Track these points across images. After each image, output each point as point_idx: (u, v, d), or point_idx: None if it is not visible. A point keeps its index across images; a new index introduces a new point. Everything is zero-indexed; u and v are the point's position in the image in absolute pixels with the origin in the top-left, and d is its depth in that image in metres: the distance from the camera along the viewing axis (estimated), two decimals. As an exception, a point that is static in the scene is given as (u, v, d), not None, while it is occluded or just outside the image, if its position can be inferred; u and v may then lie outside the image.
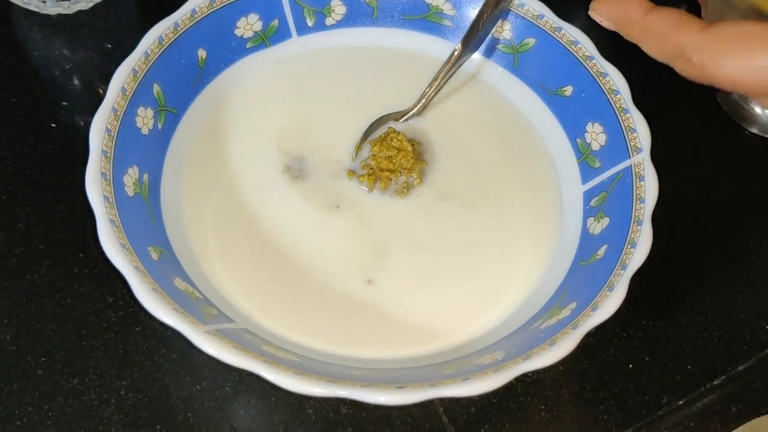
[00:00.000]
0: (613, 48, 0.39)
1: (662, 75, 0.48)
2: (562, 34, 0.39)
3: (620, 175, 0.35)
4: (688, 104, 0.47)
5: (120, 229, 0.30)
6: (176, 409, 0.33)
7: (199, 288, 0.32)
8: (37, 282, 0.36)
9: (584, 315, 0.30)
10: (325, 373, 0.27)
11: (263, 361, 0.27)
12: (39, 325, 0.34)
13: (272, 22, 0.40)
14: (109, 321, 0.35)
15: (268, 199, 0.36)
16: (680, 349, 0.37)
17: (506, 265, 0.36)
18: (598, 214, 0.35)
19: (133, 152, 0.33)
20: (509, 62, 0.41)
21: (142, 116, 0.34)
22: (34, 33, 0.44)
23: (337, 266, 0.35)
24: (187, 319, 0.27)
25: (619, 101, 0.36)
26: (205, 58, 0.38)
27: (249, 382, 0.34)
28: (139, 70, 0.34)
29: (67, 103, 0.42)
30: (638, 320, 0.37)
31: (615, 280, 0.31)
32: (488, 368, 0.28)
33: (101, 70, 0.44)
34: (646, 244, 0.32)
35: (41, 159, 0.39)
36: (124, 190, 0.32)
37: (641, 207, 0.33)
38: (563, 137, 0.39)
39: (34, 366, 0.33)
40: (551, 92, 0.39)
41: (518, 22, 0.40)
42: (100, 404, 0.33)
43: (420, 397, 0.26)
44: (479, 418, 0.34)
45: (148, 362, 0.34)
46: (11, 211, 0.38)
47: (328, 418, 0.33)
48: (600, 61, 0.38)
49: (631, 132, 0.36)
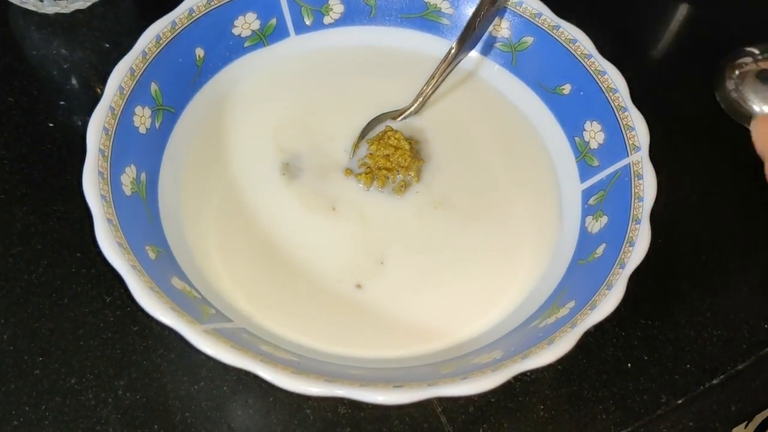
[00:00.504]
0: (612, 46, 0.39)
1: (661, 73, 0.48)
2: (561, 32, 0.39)
3: (619, 173, 0.35)
4: (686, 102, 0.47)
5: (117, 228, 0.30)
6: (174, 409, 0.33)
7: (196, 287, 0.31)
8: (35, 282, 0.35)
9: (582, 314, 0.30)
10: (323, 373, 0.27)
11: (261, 360, 0.26)
12: (36, 325, 0.34)
13: (270, 20, 0.40)
14: (106, 320, 0.35)
15: (267, 198, 0.36)
16: (679, 348, 0.37)
17: (505, 263, 0.35)
18: (597, 213, 0.35)
19: (130, 151, 0.33)
20: (507, 60, 0.41)
21: (139, 115, 0.34)
22: (32, 32, 0.44)
23: (335, 265, 0.35)
24: (185, 318, 0.27)
25: (618, 99, 0.36)
26: (203, 56, 0.38)
27: (247, 382, 0.34)
28: (136, 69, 0.34)
29: (64, 102, 0.42)
30: (637, 319, 0.37)
31: (613, 278, 0.31)
32: (486, 367, 0.28)
33: (99, 69, 0.43)
34: (644, 242, 0.32)
35: (39, 158, 0.39)
36: (121, 189, 0.32)
37: (640, 205, 0.33)
38: (561, 136, 0.39)
39: (32, 365, 0.33)
40: (549, 90, 0.39)
41: (516, 20, 0.40)
42: (97, 404, 0.33)
43: (418, 397, 0.26)
44: (477, 417, 0.34)
45: (145, 362, 0.34)
46: (8, 210, 0.37)
47: (327, 418, 0.33)
48: (598, 60, 0.38)
49: (630, 130, 0.35)
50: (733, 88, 0.45)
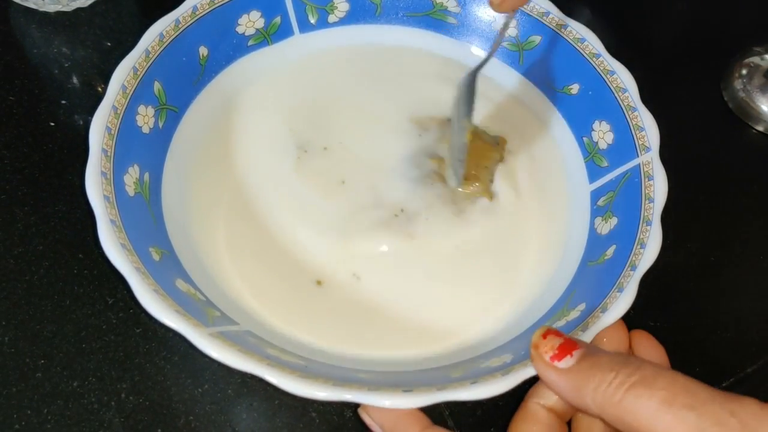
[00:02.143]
0: (620, 45, 0.39)
1: (667, 72, 0.48)
2: (569, 31, 0.38)
3: (628, 174, 0.35)
4: (694, 102, 0.46)
5: (120, 230, 0.29)
6: (177, 413, 0.33)
7: (201, 289, 0.31)
8: (36, 283, 0.35)
9: (593, 317, 0.29)
10: (330, 377, 0.27)
11: (268, 364, 0.26)
12: (38, 327, 0.34)
13: (274, 19, 0.39)
14: (109, 323, 0.34)
15: (276, 196, 0.36)
16: (687, 351, 0.36)
17: (513, 264, 0.35)
18: (606, 214, 0.35)
19: (133, 151, 0.33)
20: (514, 60, 0.40)
21: (142, 114, 0.34)
22: (33, 31, 0.44)
23: (346, 263, 0.34)
24: (190, 321, 0.27)
25: (627, 99, 0.36)
26: (207, 55, 0.37)
27: (251, 385, 0.33)
28: (139, 68, 0.34)
29: (66, 101, 0.41)
30: (645, 322, 0.37)
31: (624, 281, 0.30)
32: (497, 371, 0.27)
33: (100, 68, 0.43)
34: (656, 244, 0.31)
35: (40, 158, 0.39)
36: (124, 190, 0.31)
37: (650, 207, 0.33)
38: (569, 136, 0.38)
39: (33, 368, 0.33)
40: (557, 90, 0.39)
41: (524, 19, 0.40)
42: (100, 407, 0.32)
43: (427, 401, 0.26)
44: (485, 421, 0.34)
45: (148, 365, 0.34)
46: (9, 211, 0.37)
47: (333, 422, 0.33)
48: (607, 59, 0.37)
49: (640, 131, 0.35)
50: (741, 87, 0.45)
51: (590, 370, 0.24)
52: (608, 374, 0.23)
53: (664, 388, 0.22)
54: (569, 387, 0.24)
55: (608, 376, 0.23)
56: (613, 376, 0.23)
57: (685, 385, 0.22)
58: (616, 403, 0.22)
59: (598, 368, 0.23)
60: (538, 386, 0.28)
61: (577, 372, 0.24)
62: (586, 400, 0.24)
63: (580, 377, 0.24)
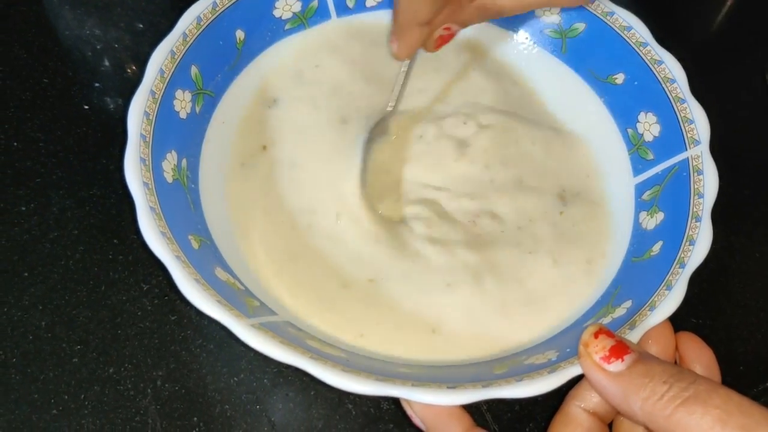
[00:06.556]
0: (668, 34, 0.38)
1: (711, 62, 0.46)
2: (615, 18, 0.37)
3: (676, 168, 0.34)
4: (738, 91, 0.45)
5: (160, 217, 0.29)
6: (213, 401, 0.32)
7: (240, 278, 0.31)
8: (72, 268, 0.35)
9: (641, 314, 0.28)
10: (372, 371, 0.26)
11: (311, 357, 0.26)
12: (74, 312, 0.34)
13: (312, 2, 0.39)
14: (144, 309, 0.34)
15: (315, 190, 0.35)
16: (731, 349, 0.36)
17: (556, 260, 0.34)
18: (652, 209, 0.34)
19: (171, 137, 0.32)
20: (557, 47, 0.39)
21: (180, 99, 0.33)
22: (65, 12, 0.43)
23: (381, 262, 0.33)
24: (232, 312, 0.26)
25: (675, 90, 0.35)
26: (244, 39, 0.37)
27: (287, 375, 0.33)
28: (177, 52, 0.33)
29: (99, 84, 0.41)
30: (688, 319, 0.36)
31: (673, 278, 0.29)
32: (543, 368, 0.27)
33: (133, 50, 0.42)
34: (706, 241, 0.30)
35: (74, 141, 0.38)
36: (163, 177, 0.31)
37: (700, 202, 0.32)
38: (613, 126, 0.37)
39: (70, 354, 0.33)
40: (601, 80, 0.38)
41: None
42: (136, 394, 0.32)
43: (473, 398, 0.25)
44: (523, 416, 0.33)
45: (184, 352, 0.33)
46: (44, 194, 0.37)
47: (369, 414, 0.33)
48: (655, 48, 0.36)
49: (688, 123, 0.34)
50: (788, 77, 0.44)
51: (641, 379, 0.23)
52: (661, 386, 0.22)
53: (719, 406, 0.21)
54: (617, 392, 0.24)
55: (661, 387, 0.22)
56: (666, 388, 0.22)
57: (740, 404, 0.21)
58: (666, 417, 0.22)
59: (650, 378, 0.23)
60: (578, 388, 0.27)
61: (627, 378, 0.23)
62: (634, 407, 0.23)
63: (631, 384, 0.23)
